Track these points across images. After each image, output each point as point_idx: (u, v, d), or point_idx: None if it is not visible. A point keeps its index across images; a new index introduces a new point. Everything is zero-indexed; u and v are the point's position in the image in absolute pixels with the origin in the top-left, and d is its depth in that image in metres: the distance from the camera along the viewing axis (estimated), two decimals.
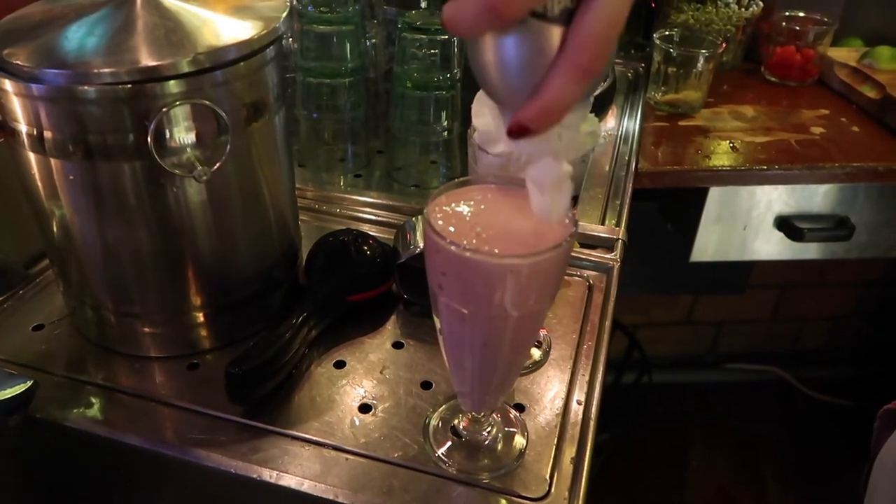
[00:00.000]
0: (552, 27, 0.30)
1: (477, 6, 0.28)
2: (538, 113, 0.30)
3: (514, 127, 0.31)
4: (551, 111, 0.30)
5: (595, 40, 0.29)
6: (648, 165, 0.95)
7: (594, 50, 0.29)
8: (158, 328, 0.56)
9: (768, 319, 1.89)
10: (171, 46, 0.46)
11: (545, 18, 0.29)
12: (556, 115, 0.31)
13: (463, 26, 0.29)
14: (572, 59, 0.29)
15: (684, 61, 1.04)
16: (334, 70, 0.81)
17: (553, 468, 0.50)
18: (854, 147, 1.00)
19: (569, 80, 0.30)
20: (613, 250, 0.72)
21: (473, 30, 0.29)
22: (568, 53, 0.29)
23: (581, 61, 0.29)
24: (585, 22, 0.29)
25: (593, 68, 0.30)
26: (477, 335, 0.42)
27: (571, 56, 0.29)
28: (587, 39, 0.29)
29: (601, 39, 0.29)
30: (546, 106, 0.30)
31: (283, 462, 0.49)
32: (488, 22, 0.29)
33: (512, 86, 0.31)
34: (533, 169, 0.35)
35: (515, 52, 0.30)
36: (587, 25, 0.29)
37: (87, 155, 0.47)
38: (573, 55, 0.29)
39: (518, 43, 0.30)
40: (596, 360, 0.59)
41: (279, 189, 0.58)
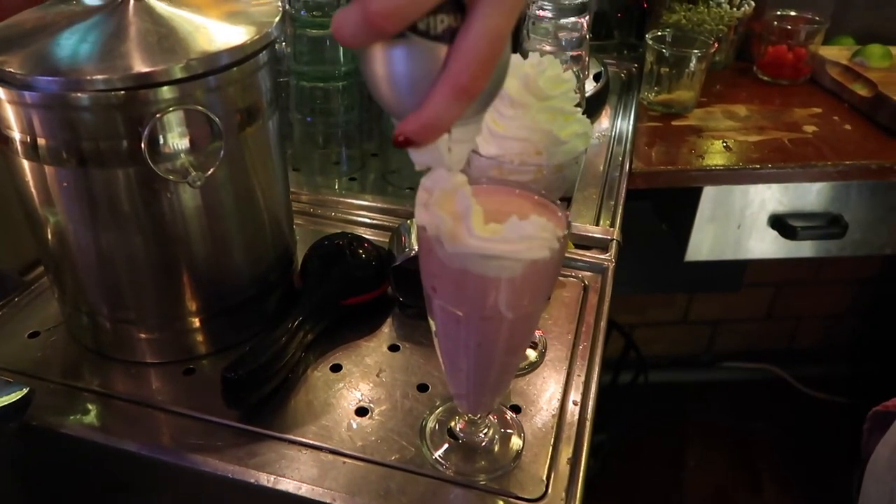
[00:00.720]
0: (435, 45, 0.30)
1: (357, 19, 0.29)
2: (419, 128, 0.31)
3: (397, 137, 0.32)
4: (431, 127, 0.31)
5: (474, 62, 0.30)
6: (642, 165, 0.95)
7: (473, 71, 0.30)
8: (154, 334, 0.56)
9: (764, 318, 1.89)
10: (164, 52, 0.46)
11: (428, 36, 0.30)
12: (436, 131, 0.32)
13: (345, 37, 0.29)
14: (452, 79, 0.30)
15: (677, 61, 1.04)
16: (327, 74, 0.81)
17: (550, 469, 0.50)
18: (846, 145, 1.00)
19: (448, 99, 0.30)
20: (608, 251, 0.72)
21: (355, 41, 0.30)
22: (448, 73, 0.30)
23: (460, 82, 0.30)
24: (465, 43, 0.30)
25: (472, 89, 0.30)
26: (472, 337, 0.42)
27: (451, 76, 0.30)
28: (466, 60, 0.30)
29: (480, 61, 0.30)
30: (426, 122, 0.31)
31: (280, 466, 0.49)
32: (367, 35, 0.29)
33: (398, 98, 0.32)
34: (426, 178, 0.36)
35: (400, 66, 0.31)
36: (466, 47, 0.30)
37: (81, 162, 0.47)
38: (453, 75, 0.30)
39: (402, 58, 0.31)
40: (591, 360, 0.59)
41: (274, 193, 0.58)
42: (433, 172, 0.36)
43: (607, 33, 1.28)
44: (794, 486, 1.67)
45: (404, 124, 0.32)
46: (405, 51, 0.30)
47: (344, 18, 0.29)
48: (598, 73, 1.08)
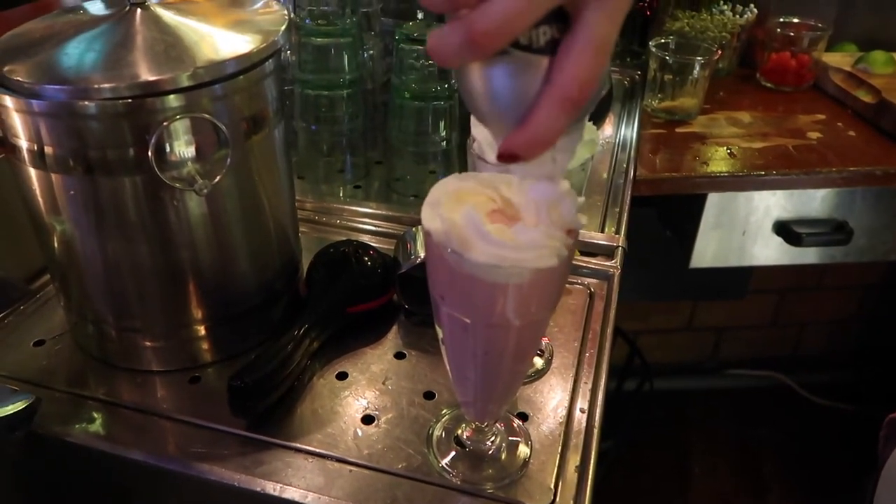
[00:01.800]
0: (538, 58, 0.30)
1: (459, 38, 0.28)
2: (526, 142, 0.31)
3: (503, 153, 0.31)
4: (538, 141, 0.31)
5: (580, 71, 0.29)
6: (647, 172, 0.95)
7: (580, 81, 0.29)
8: (159, 342, 0.56)
9: (768, 325, 1.89)
10: (171, 61, 0.47)
11: (530, 50, 0.30)
12: (543, 144, 0.31)
13: (446, 57, 0.29)
14: (558, 90, 0.30)
15: (680, 68, 1.04)
16: (332, 82, 0.81)
17: (557, 477, 0.49)
18: (850, 151, 1.00)
19: (555, 111, 0.30)
20: (613, 257, 0.72)
21: (456, 61, 0.29)
22: (554, 85, 0.30)
23: (567, 93, 0.29)
24: (571, 53, 0.29)
25: (580, 99, 0.30)
26: (479, 344, 0.42)
27: (557, 88, 0.30)
28: (572, 71, 0.29)
29: (587, 70, 0.29)
30: (533, 137, 0.30)
31: (286, 475, 0.49)
32: (470, 54, 0.29)
33: (500, 114, 0.32)
34: (532, 190, 0.36)
35: (501, 82, 0.30)
36: (572, 57, 0.29)
37: (88, 170, 0.47)
38: (559, 87, 0.29)
39: (504, 74, 0.30)
40: (598, 367, 0.59)
41: (279, 201, 0.58)
42: (537, 184, 0.35)
43: None
44: (799, 493, 1.66)
45: (511, 140, 0.31)
46: (508, 67, 0.30)
47: (443, 38, 0.28)
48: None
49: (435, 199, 0.40)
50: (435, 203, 0.39)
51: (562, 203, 0.36)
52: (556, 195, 0.35)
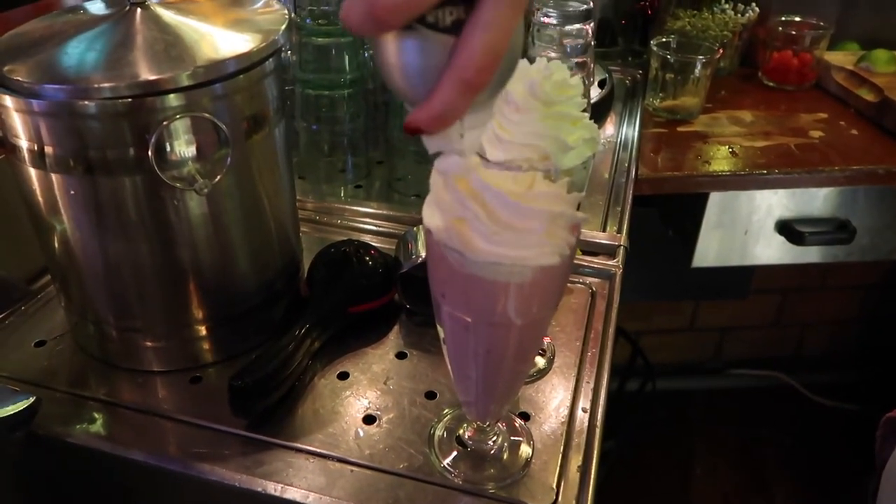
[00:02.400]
0: (444, 37, 0.31)
1: (362, 10, 0.29)
2: (428, 118, 0.32)
3: (407, 126, 0.33)
4: (440, 117, 0.32)
5: (479, 55, 0.30)
6: (648, 172, 0.95)
7: (478, 65, 0.30)
8: (160, 342, 0.56)
9: (771, 324, 1.88)
10: (171, 60, 0.46)
11: (437, 28, 0.30)
12: (445, 120, 0.32)
13: (351, 26, 0.30)
14: (457, 72, 0.30)
15: (682, 67, 1.04)
16: (333, 82, 0.81)
17: (560, 477, 0.49)
18: (853, 150, 1.00)
19: (455, 91, 0.31)
20: (615, 257, 0.72)
21: (361, 31, 0.30)
22: (453, 67, 0.30)
23: (465, 75, 0.30)
24: (470, 37, 0.30)
25: (477, 82, 0.31)
26: (480, 343, 0.41)
27: (456, 70, 0.30)
28: (470, 54, 0.30)
29: (485, 54, 0.30)
30: (434, 113, 0.31)
31: (287, 475, 0.49)
32: (373, 27, 0.30)
33: (409, 87, 0.33)
34: (439, 162, 0.37)
35: (410, 58, 0.32)
36: (472, 41, 0.30)
37: (88, 170, 0.47)
38: (458, 69, 0.30)
39: (412, 49, 0.31)
40: (600, 367, 0.59)
41: (280, 201, 0.58)
42: (446, 157, 0.36)
43: (611, 40, 1.28)
44: (802, 494, 1.66)
45: (415, 114, 0.32)
46: (414, 43, 0.31)
47: (350, 7, 0.29)
48: (603, 79, 1.08)
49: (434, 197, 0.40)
50: (435, 201, 0.39)
51: (470, 177, 0.36)
52: (462, 169, 0.36)
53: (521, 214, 0.36)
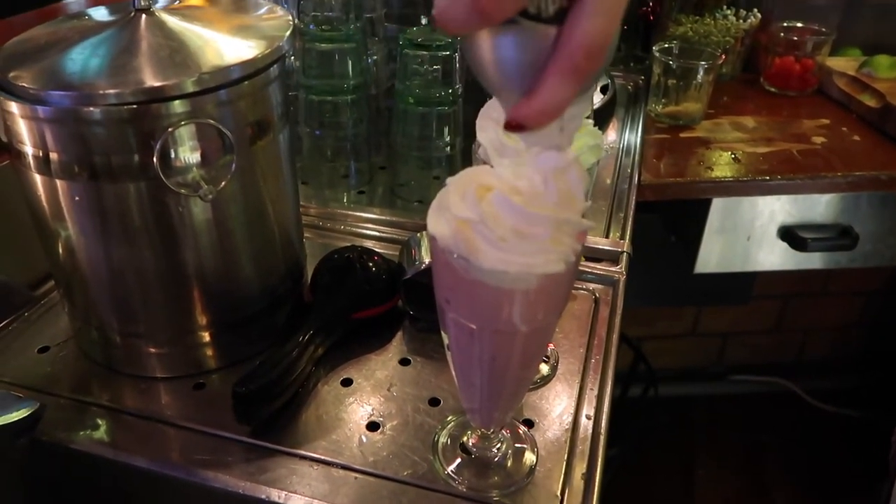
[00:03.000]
0: (546, 28, 0.30)
1: (466, 5, 0.28)
2: (533, 112, 0.31)
3: (510, 122, 0.31)
4: (546, 111, 0.31)
5: (589, 40, 0.29)
6: (651, 177, 0.95)
7: (587, 50, 0.29)
8: (163, 348, 0.56)
9: (773, 330, 1.88)
10: (176, 66, 0.47)
11: (539, 19, 0.29)
12: (551, 114, 0.31)
13: (453, 24, 0.29)
14: (566, 59, 0.29)
15: (684, 73, 1.04)
16: (336, 87, 0.81)
17: (564, 484, 0.49)
18: (855, 156, 1.00)
19: (563, 80, 0.30)
20: (618, 263, 0.72)
21: (463, 28, 0.29)
22: (562, 54, 0.29)
23: (574, 62, 0.29)
24: (577, 21, 0.29)
25: (588, 68, 0.30)
26: (485, 350, 0.41)
27: (565, 57, 0.29)
28: (579, 39, 0.29)
29: (595, 38, 0.29)
30: (541, 107, 0.30)
31: (291, 482, 0.49)
32: (477, 22, 0.29)
33: (508, 84, 0.32)
34: (539, 159, 0.35)
35: (509, 52, 0.30)
36: (579, 25, 0.29)
37: (93, 176, 0.47)
38: (567, 56, 0.29)
39: (512, 43, 0.30)
40: (604, 373, 0.59)
41: (284, 207, 0.58)
42: (544, 153, 0.35)
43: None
44: (803, 499, 1.65)
45: (517, 109, 0.31)
46: (516, 36, 0.30)
47: (451, 6, 0.28)
48: (605, 85, 1.08)
49: (440, 203, 0.40)
50: (441, 207, 0.39)
51: (568, 172, 0.35)
52: (563, 163, 0.35)
53: (527, 220, 0.36)
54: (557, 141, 0.34)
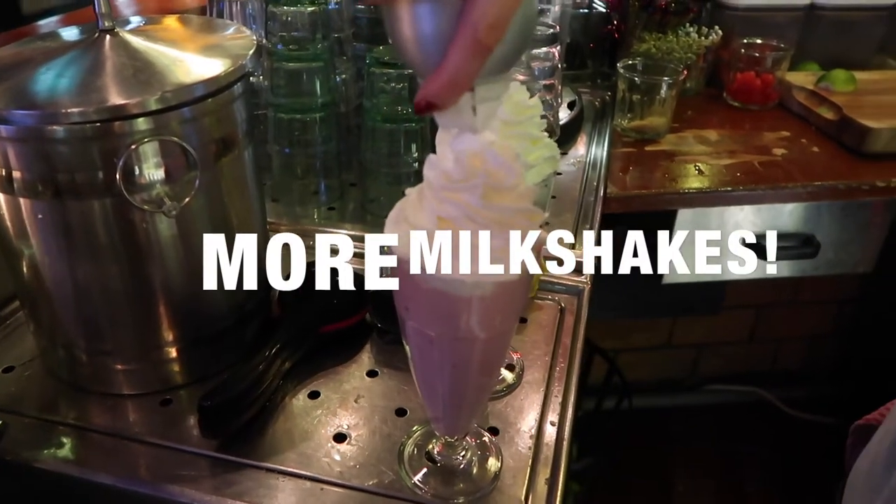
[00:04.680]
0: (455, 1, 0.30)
1: None
2: (440, 88, 0.31)
3: (419, 102, 0.32)
4: (452, 85, 0.31)
5: (489, 11, 0.30)
6: (617, 190, 0.97)
7: (487, 20, 0.30)
8: (130, 364, 0.56)
9: (746, 340, 1.91)
10: (140, 85, 0.47)
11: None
12: (457, 89, 0.31)
13: None
14: (468, 32, 0.30)
15: (648, 89, 1.07)
16: (305, 106, 0.82)
17: (528, 490, 0.50)
18: (815, 167, 1.03)
19: (466, 54, 0.30)
20: (583, 273, 0.73)
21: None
22: (465, 27, 0.30)
23: (476, 33, 0.30)
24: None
25: (489, 39, 0.30)
26: (445, 358, 0.42)
27: (467, 30, 0.30)
28: (481, 11, 0.30)
29: (496, 9, 0.30)
30: (446, 81, 0.31)
31: (259, 495, 0.49)
32: None
33: (425, 58, 0.32)
34: (453, 142, 0.36)
35: (424, 25, 0.31)
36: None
37: (57, 194, 0.48)
38: (469, 29, 0.30)
39: (426, 15, 0.31)
40: (568, 381, 0.60)
41: (250, 223, 0.59)
42: (459, 135, 0.36)
43: (581, 63, 1.31)
44: None
45: (425, 87, 0.31)
46: (428, 7, 0.31)
47: None
48: (573, 101, 1.10)
49: (397, 215, 0.41)
50: (397, 219, 0.40)
51: (486, 155, 0.36)
52: (477, 146, 0.36)
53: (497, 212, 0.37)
54: (471, 122, 0.34)
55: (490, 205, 0.36)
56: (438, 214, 0.38)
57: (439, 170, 0.38)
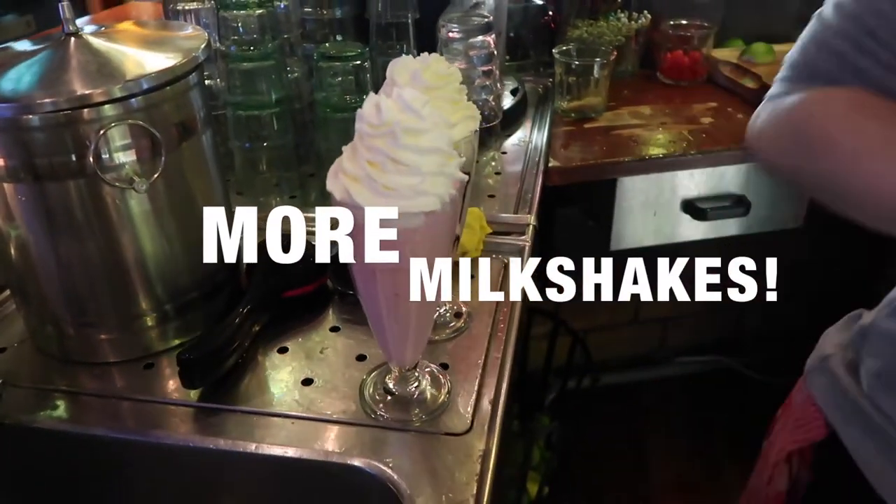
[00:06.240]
0: None
1: None
2: None
3: None
4: None
5: None
6: (559, 164, 1.04)
7: None
8: (114, 334, 0.62)
9: (708, 311, 1.99)
10: (104, 77, 0.54)
11: None
12: None
13: None
14: None
15: (583, 70, 1.15)
16: (261, 102, 0.88)
17: (474, 410, 0.57)
18: (739, 131, 1.10)
19: None
20: (525, 234, 0.81)
21: None
22: None
23: None
24: None
25: None
26: (388, 288, 0.49)
27: None
28: None
29: None
30: None
31: (235, 434, 0.55)
32: None
33: None
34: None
35: None
36: None
37: (37, 177, 0.54)
38: None
39: None
40: (510, 321, 0.67)
41: (213, 200, 0.65)
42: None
43: (524, 54, 1.39)
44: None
45: None
46: None
47: None
48: (516, 88, 1.18)
49: (335, 168, 0.48)
50: (335, 171, 0.47)
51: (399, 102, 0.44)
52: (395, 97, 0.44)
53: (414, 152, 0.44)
54: None
55: (407, 145, 0.43)
56: (367, 160, 0.45)
57: (365, 121, 0.45)
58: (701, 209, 1.12)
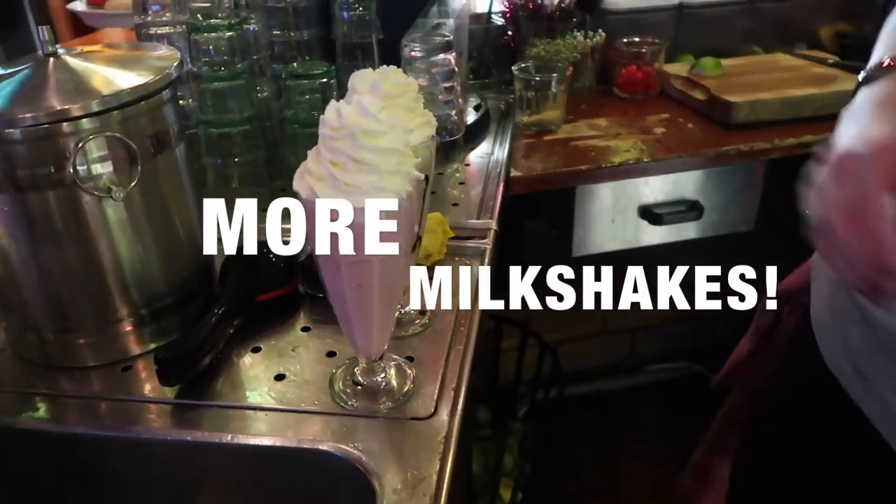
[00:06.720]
0: None
1: None
2: None
3: None
4: None
5: None
6: (521, 174, 1.09)
7: None
8: (92, 338, 0.65)
9: (676, 319, 2.05)
10: (82, 93, 0.57)
11: None
12: None
13: None
14: None
15: (541, 86, 1.21)
16: (232, 120, 0.92)
17: (438, 396, 0.60)
18: (690, 140, 1.18)
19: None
20: (486, 237, 0.85)
21: None
22: None
23: None
24: None
25: None
26: (352, 279, 0.53)
27: None
28: None
29: None
30: None
31: (210, 427, 0.58)
32: None
33: None
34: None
35: None
36: None
37: (18, 188, 0.57)
38: None
39: None
40: (472, 316, 0.71)
41: (187, 210, 0.69)
42: None
43: (486, 73, 1.45)
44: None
45: None
46: None
47: None
48: (478, 104, 1.23)
49: (301, 170, 0.52)
50: (301, 173, 0.51)
51: (357, 107, 0.48)
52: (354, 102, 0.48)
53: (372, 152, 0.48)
54: None
55: (366, 146, 0.48)
56: (330, 160, 0.49)
57: (327, 125, 0.49)
58: (657, 214, 1.18)
